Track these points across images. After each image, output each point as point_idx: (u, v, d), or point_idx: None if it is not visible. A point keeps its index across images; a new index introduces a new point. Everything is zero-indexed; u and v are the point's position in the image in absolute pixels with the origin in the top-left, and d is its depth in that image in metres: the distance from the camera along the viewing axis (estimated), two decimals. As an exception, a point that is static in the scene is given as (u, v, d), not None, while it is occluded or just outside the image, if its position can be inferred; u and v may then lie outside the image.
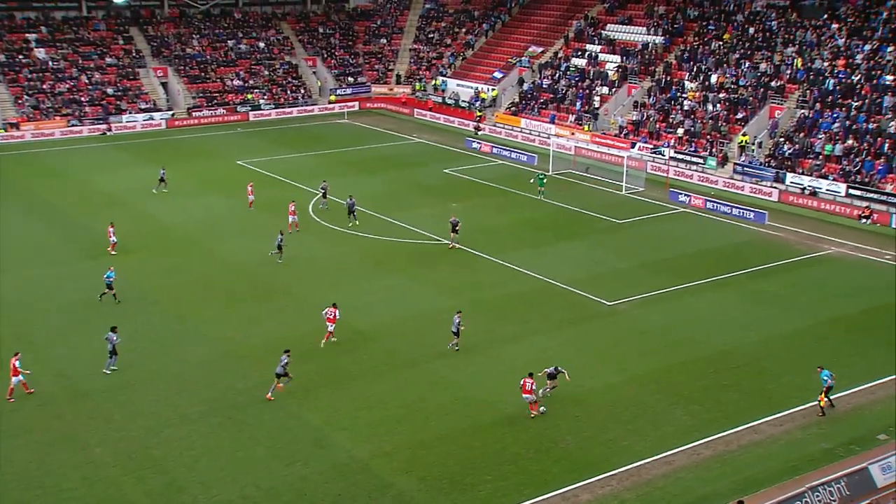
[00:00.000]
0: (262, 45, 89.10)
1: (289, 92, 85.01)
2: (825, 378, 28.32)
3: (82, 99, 76.70)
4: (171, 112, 78.70)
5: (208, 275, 40.08)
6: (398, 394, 29.25)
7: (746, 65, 64.43)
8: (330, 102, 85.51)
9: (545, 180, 54.41)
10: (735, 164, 58.10)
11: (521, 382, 28.04)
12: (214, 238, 45.58)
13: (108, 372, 30.39)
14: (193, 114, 79.05)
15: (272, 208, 50.72)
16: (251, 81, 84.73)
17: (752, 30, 67.24)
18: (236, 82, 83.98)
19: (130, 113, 76.90)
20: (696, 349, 32.64)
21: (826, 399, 28.10)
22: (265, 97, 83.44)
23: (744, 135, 59.13)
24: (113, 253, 42.33)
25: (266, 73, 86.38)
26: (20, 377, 28.74)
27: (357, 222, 47.37)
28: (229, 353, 32.20)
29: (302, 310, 36.11)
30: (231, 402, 28.64)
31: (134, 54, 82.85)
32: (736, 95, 62.72)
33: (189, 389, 29.46)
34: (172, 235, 46.16)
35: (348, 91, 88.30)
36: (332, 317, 32.71)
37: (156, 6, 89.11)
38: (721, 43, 67.88)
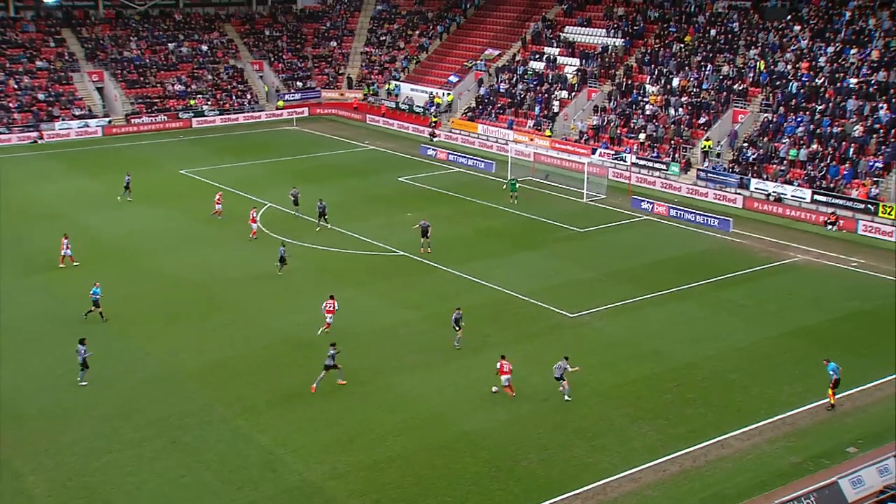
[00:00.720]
0: (205, 47, 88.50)
1: (234, 97, 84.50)
2: (831, 371, 29.23)
3: (10, 105, 75.44)
4: (107, 119, 77.75)
5: (151, 290, 39.62)
6: (352, 412, 29.16)
7: (709, 68, 65.57)
8: (277, 108, 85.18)
9: (517, 186, 54.86)
10: (698, 169, 59.02)
11: (499, 365, 29.86)
12: (157, 251, 45.10)
13: (85, 384, 30.75)
14: (132, 121, 78.20)
15: (220, 220, 50.42)
16: (194, 86, 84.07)
17: (713, 32, 68.46)
18: (178, 87, 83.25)
19: (64, 120, 75.83)
20: (660, 362, 33.02)
21: (833, 392, 29.16)
22: (209, 103, 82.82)
23: (707, 140, 60.11)
24: (61, 266, 42.35)
25: (209, 77, 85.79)
26: None
27: (328, 226, 48.25)
28: (174, 372, 31.86)
29: (251, 327, 35.87)
30: (176, 424, 28.32)
31: (67, 57, 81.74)
32: (698, 99, 63.77)
33: (131, 412, 29.06)
34: (112, 249, 45.56)
35: (297, 96, 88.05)
36: (330, 308, 34.35)
37: (90, 6, 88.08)
38: (682, 45, 69.01)
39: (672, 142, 62.02)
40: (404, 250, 44.72)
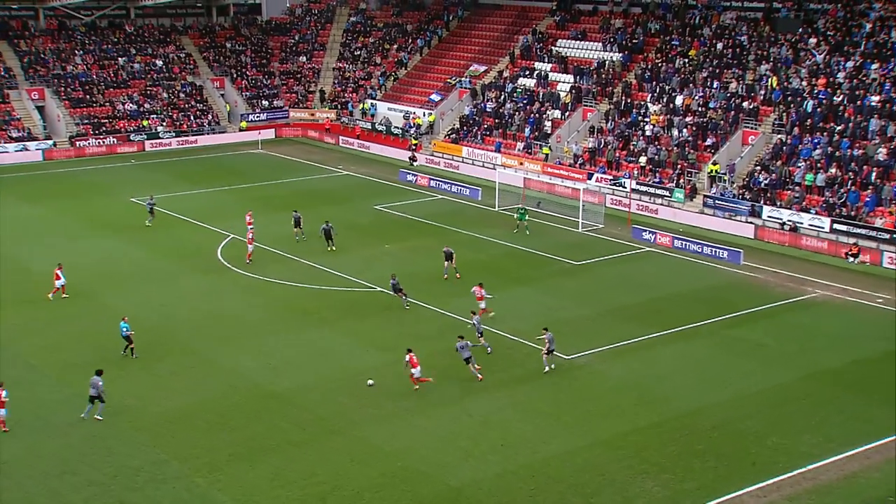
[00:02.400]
0: (159, 63, 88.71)
1: (192, 118, 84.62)
2: None
3: (-58, 126, 75.35)
4: (49, 141, 77.60)
5: (95, 331, 39.29)
6: (322, 467, 28.92)
7: (715, 85, 66.21)
8: (241, 130, 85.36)
9: (526, 215, 55.55)
10: (705, 196, 59.38)
11: (407, 358, 33.26)
12: (103, 288, 44.83)
13: (86, 417, 31.59)
14: (77, 143, 78.09)
15: (175, 253, 50.30)
16: (147, 105, 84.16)
17: (720, 45, 69.24)
18: (129, 106, 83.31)
19: None
20: (666, 408, 32.97)
21: None
22: (164, 124, 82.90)
23: (714, 163, 60.57)
24: (50, 297, 42.84)
25: (165, 95, 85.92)
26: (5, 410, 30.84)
27: (334, 248, 50.29)
28: (122, 425, 31.52)
29: (210, 371, 35.62)
30: (124, 483, 27.96)
31: (2, 73, 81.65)
32: (704, 119, 64.32)
33: (73, 470, 28.68)
34: (49, 286, 45.16)
35: (262, 116, 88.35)
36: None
37: (29, 16, 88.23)
38: (686, 60, 69.72)
39: (676, 166, 62.44)
40: (381, 286, 44.63)
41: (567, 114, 71.87)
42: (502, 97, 77.05)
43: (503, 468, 28.87)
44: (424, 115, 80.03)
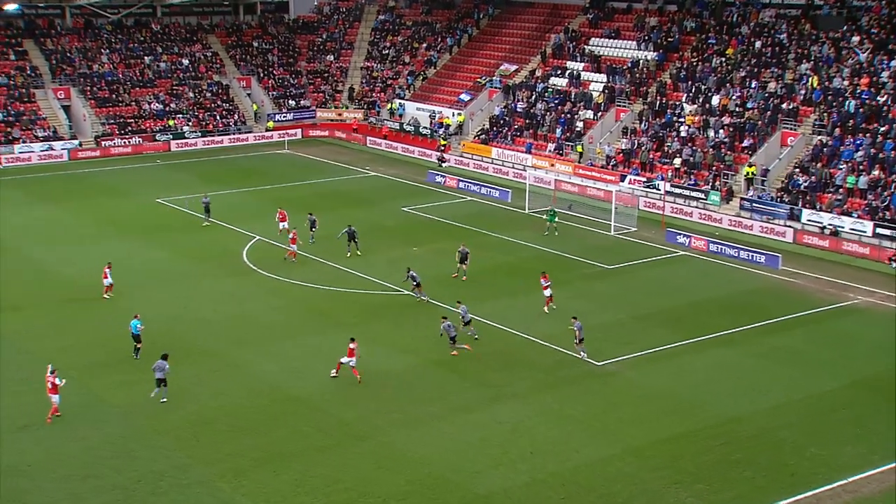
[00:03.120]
0: (185, 62, 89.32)
1: (218, 117, 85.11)
2: None
3: (-34, 126, 76.22)
4: (75, 141, 78.30)
5: (117, 334, 39.44)
6: (347, 473, 28.90)
7: (753, 84, 65.75)
8: (267, 130, 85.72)
9: (556, 217, 55.57)
10: (742, 199, 58.95)
11: (349, 350, 34.49)
12: (128, 290, 45.06)
13: (154, 397, 33.15)
14: (103, 143, 78.73)
15: (200, 255, 50.60)
16: (173, 105, 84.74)
17: (759, 44, 68.75)
18: (155, 106, 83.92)
19: (24, 142, 76.36)
20: (701, 417, 32.71)
21: None
22: (190, 123, 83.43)
23: (751, 165, 60.11)
24: (106, 297, 43.41)
25: (191, 95, 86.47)
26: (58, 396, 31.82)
27: (359, 252, 50.04)
28: (144, 427, 31.69)
29: (234, 375, 35.73)
30: (148, 488, 28.08)
31: (28, 72, 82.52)
32: (742, 120, 63.87)
33: (95, 474, 28.82)
34: (73, 288, 45.54)
35: (289, 116, 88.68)
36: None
37: (55, 15, 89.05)
38: (723, 59, 69.27)
39: (712, 167, 62.04)
40: (407, 289, 44.60)
41: (600, 114, 71.62)
42: (533, 97, 76.91)
43: (532, 476, 28.73)
44: (454, 115, 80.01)
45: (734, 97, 65.68)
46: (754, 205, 57.98)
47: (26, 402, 33.13)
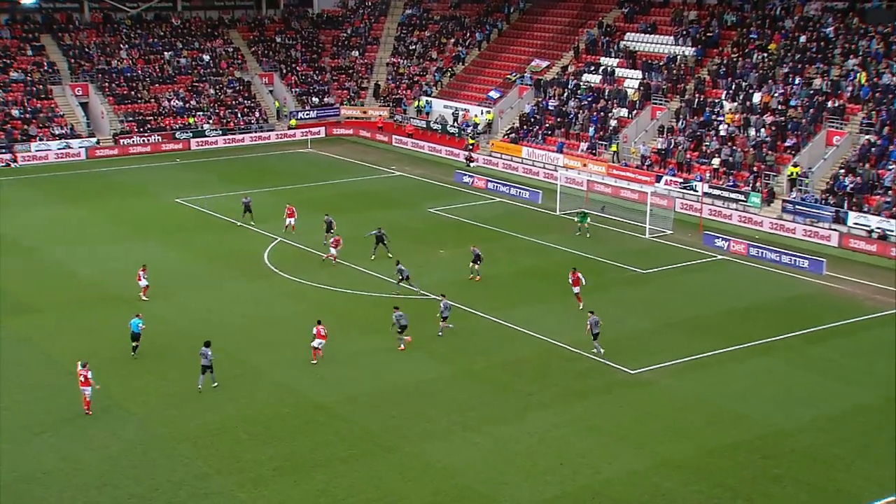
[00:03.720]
0: (206, 57, 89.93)
1: (239, 115, 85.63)
2: None
3: (-19, 123, 77.02)
4: (93, 139, 79.00)
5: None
6: (371, 484, 28.93)
7: (797, 81, 65.33)
8: (290, 128, 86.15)
9: (588, 218, 55.60)
10: (784, 201, 58.60)
11: (315, 330, 36.69)
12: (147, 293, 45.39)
13: (203, 386, 34.75)
14: (121, 141, 79.40)
15: (221, 257, 50.94)
16: (193, 102, 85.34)
17: (803, 38, 68.33)
18: (175, 103, 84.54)
19: (42, 140, 77.14)
20: (741, 429, 32.49)
21: None
22: (210, 121, 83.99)
23: (794, 165, 59.73)
24: (144, 298, 43.98)
25: (211, 91, 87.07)
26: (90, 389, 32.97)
27: (389, 255, 49.89)
28: (164, 435, 31.87)
29: (255, 382, 35.89)
30: (166, 497, 28.23)
31: (46, 68, 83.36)
32: (784, 118, 63.48)
33: (113, 483, 29.01)
34: (92, 291, 45.98)
35: (312, 114, 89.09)
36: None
37: (74, 9, 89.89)
38: (766, 55, 68.88)
39: (752, 168, 61.70)
40: (434, 293, 44.66)
41: (635, 112, 71.44)
42: (565, 94, 76.81)
43: (562, 489, 28.65)
44: (482, 113, 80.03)
45: (777, 94, 65.31)
46: (797, 207, 57.60)
47: (42, 407, 33.42)
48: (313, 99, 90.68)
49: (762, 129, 63.72)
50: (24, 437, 31.61)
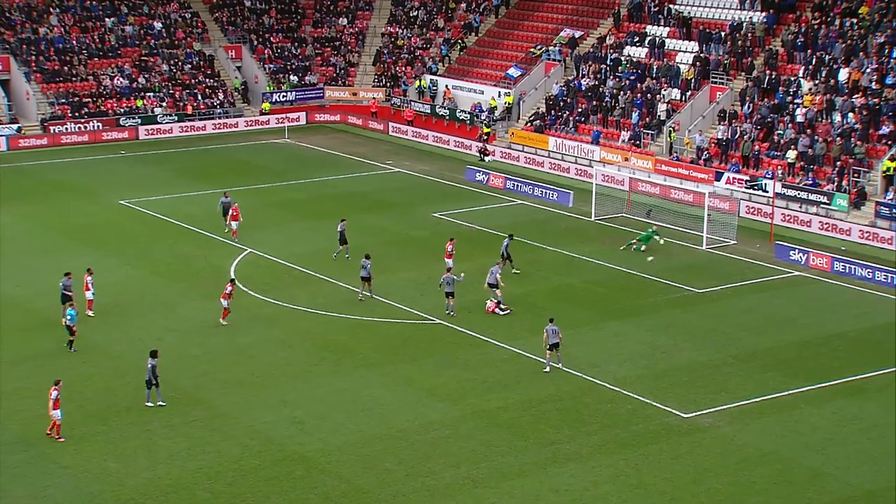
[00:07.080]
0: (158, 25, 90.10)
1: (199, 97, 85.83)
2: None
3: None
4: (15, 126, 79.20)
5: (74, 374, 39.87)
6: (362, 555, 29.08)
7: (895, 54, 65.20)
8: (262, 113, 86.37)
9: (653, 238, 54.95)
10: (878, 203, 58.58)
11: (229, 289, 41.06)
12: (85, 317, 45.51)
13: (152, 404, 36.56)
14: (51, 129, 79.57)
15: (178, 272, 51.27)
16: (142, 80, 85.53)
17: (901, 1, 68.25)
18: (119, 81, 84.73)
19: (-45, 128, 77.46)
20: (821, 490, 32.49)
21: None
22: (163, 104, 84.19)
23: (891, 159, 59.69)
24: (90, 314, 44.89)
25: (165, 68, 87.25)
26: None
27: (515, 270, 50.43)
28: (99, 495, 31.90)
29: (216, 427, 35.94)
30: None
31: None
32: (878, 100, 63.39)
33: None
34: (15, 314, 46.08)
35: (290, 96, 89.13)
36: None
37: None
38: (855, 21, 68.74)
39: (838, 163, 61.73)
40: (440, 317, 44.78)
41: (689, 94, 71.54)
42: (603, 72, 76.92)
43: None
44: (500, 95, 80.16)
45: (868, 71, 65.17)
46: (894, 212, 57.60)
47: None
48: (291, 77, 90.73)
49: (850, 114, 63.66)
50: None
